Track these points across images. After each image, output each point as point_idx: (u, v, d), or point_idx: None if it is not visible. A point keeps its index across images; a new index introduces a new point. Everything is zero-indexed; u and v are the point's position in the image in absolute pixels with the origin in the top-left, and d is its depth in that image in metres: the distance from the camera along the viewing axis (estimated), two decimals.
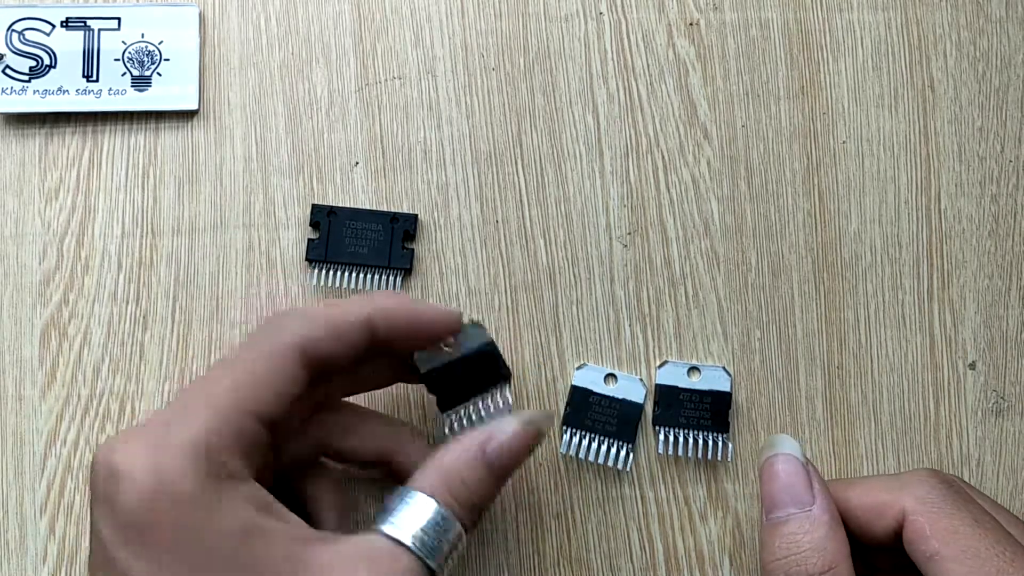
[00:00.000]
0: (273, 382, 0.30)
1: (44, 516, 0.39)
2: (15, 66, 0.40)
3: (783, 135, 0.41)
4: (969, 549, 0.29)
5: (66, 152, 0.41)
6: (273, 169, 0.41)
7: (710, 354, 0.40)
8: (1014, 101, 0.42)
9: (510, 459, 0.31)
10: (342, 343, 0.31)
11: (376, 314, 0.32)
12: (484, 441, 0.31)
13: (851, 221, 0.41)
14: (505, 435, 0.31)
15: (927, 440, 0.40)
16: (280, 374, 0.30)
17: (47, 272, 0.40)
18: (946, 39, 0.42)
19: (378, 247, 0.40)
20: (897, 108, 0.42)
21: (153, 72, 0.41)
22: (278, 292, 0.40)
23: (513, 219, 0.41)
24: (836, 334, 0.41)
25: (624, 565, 0.39)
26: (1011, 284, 0.41)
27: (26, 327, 0.40)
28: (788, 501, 0.32)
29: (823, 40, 0.42)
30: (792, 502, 0.32)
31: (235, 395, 0.29)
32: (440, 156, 0.41)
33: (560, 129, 0.41)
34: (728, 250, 0.41)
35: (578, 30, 0.42)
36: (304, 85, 0.41)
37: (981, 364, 0.41)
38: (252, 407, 0.29)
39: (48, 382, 0.40)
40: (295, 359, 0.30)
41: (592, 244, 0.41)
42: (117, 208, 0.40)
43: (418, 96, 0.41)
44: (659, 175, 0.41)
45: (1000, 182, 0.42)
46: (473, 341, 0.34)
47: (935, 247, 0.41)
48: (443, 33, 0.42)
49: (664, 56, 0.42)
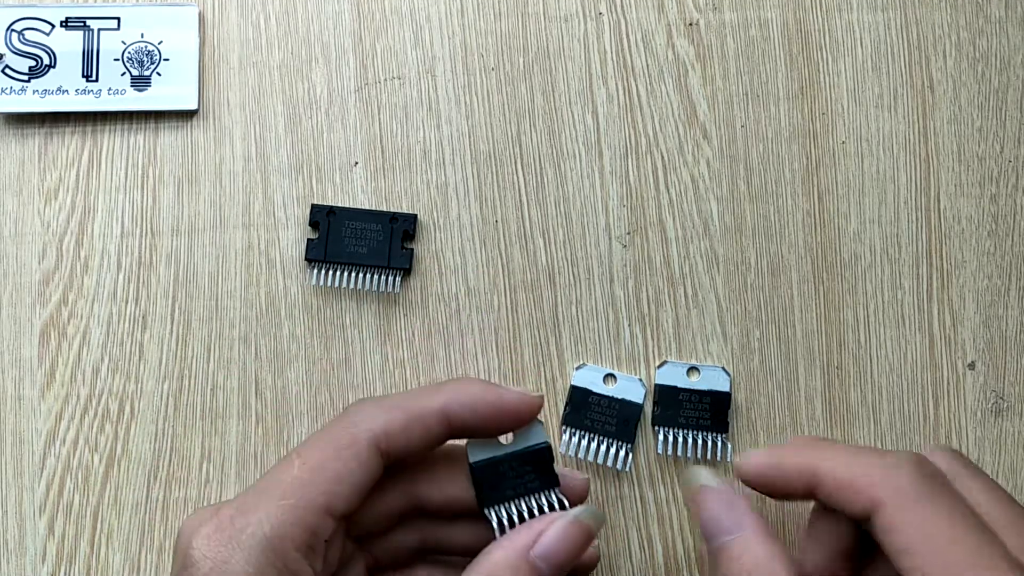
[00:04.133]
0: (347, 476, 0.29)
1: (43, 516, 0.39)
2: (15, 66, 0.40)
3: (782, 135, 0.41)
4: (941, 554, 0.27)
5: (65, 152, 0.41)
6: (272, 169, 0.41)
7: (709, 354, 0.40)
8: (1014, 101, 0.42)
9: (558, 560, 0.30)
10: (418, 435, 0.31)
11: (452, 403, 0.31)
12: (529, 543, 0.30)
13: (850, 221, 0.41)
14: (553, 535, 0.30)
15: (926, 440, 0.40)
16: (355, 468, 0.30)
17: (46, 272, 0.40)
18: (946, 39, 0.42)
19: (377, 247, 0.40)
20: (897, 108, 0.42)
21: (153, 72, 0.41)
22: (278, 291, 0.40)
23: (512, 219, 0.41)
24: (835, 334, 0.41)
25: (624, 565, 0.39)
26: (1010, 284, 0.41)
27: (25, 327, 0.40)
28: (721, 530, 0.31)
29: (823, 40, 0.42)
30: (725, 530, 0.30)
31: (308, 490, 0.29)
32: (440, 156, 0.41)
33: (560, 129, 0.41)
34: (727, 250, 0.41)
35: (578, 30, 0.42)
36: (303, 85, 0.41)
37: (980, 364, 0.41)
38: (324, 501, 0.29)
39: (47, 382, 0.39)
40: (371, 452, 0.30)
41: (591, 244, 0.41)
42: (116, 208, 0.40)
43: (417, 96, 0.41)
44: (658, 175, 0.41)
45: (1000, 182, 0.42)
46: (530, 439, 0.32)
47: (934, 247, 0.41)
48: (443, 33, 0.42)
49: (664, 56, 0.42)
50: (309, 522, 0.28)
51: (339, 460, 0.29)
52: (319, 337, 0.40)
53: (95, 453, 0.39)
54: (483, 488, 0.32)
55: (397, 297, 0.40)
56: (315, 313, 0.40)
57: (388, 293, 0.40)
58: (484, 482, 0.32)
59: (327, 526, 0.29)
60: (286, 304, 0.40)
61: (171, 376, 0.40)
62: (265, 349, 0.40)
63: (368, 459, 0.30)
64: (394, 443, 0.30)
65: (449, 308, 0.40)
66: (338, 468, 0.29)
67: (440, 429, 0.31)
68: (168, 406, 0.40)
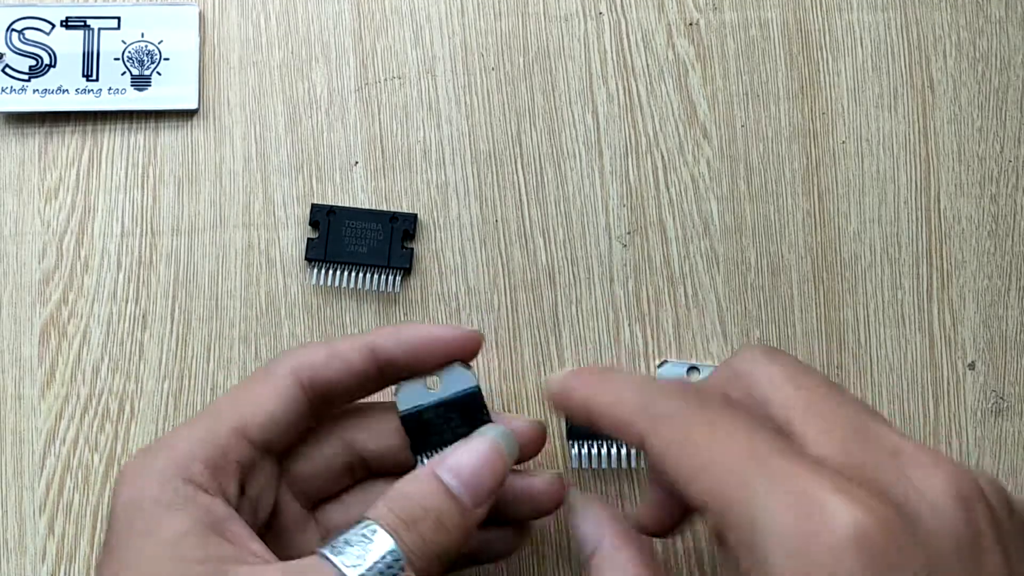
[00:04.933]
0: (262, 402, 0.30)
1: (43, 515, 0.39)
2: (15, 65, 0.40)
3: (783, 135, 0.41)
4: (708, 467, 0.23)
5: (66, 151, 0.41)
6: (273, 168, 0.41)
7: (709, 354, 0.40)
8: (1014, 102, 0.42)
9: (465, 475, 0.29)
10: (342, 368, 0.31)
11: (378, 336, 0.32)
12: (437, 462, 0.29)
13: (850, 221, 0.41)
14: (458, 451, 0.29)
15: (926, 440, 0.40)
16: (269, 393, 0.30)
17: (46, 271, 0.40)
18: (946, 40, 0.42)
19: (377, 247, 0.40)
20: (897, 108, 0.42)
21: (153, 71, 0.41)
22: (278, 291, 0.40)
23: (512, 219, 0.41)
24: (835, 334, 0.41)
25: None
26: (1010, 284, 0.41)
27: (25, 326, 0.40)
28: (586, 545, 0.29)
29: (823, 40, 0.42)
30: (588, 546, 0.29)
31: (226, 414, 0.30)
32: (440, 156, 0.41)
33: (560, 129, 0.41)
34: (727, 250, 0.41)
35: (578, 30, 0.42)
36: (304, 84, 0.41)
37: (980, 364, 0.41)
38: (235, 422, 0.30)
39: (47, 381, 0.40)
40: (288, 382, 0.31)
41: (591, 244, 0.41)
42: (117, 207, 0.40)
43: (418, 96, 0.41)
44: (659, 175, 0.41)
45: (1000, 182, 0.42)
46: (459, 384, 0.33)
47: (934, 247, 0.41)
48: (443, 33, 0.42)
49: (664, 56, 0.42)
50: (217, 440, 0.29)
51: (252, 388, 0.31)
52: (319, 337, 0.40)
53: (95, 452, 0.39)
54: (414, 436, 0.32)
55: (397, 297, 0.40)
56: (315, 313, 0.40)
57: (388, 293, 0.40)
58: (415, 430, 0.33)
59: (238, 447, 0.29)
60: (286, 304, 0.40)
61: (171, 376, 0.40)
62: (265, 349, 0.40)
63: (285, 388, 0.30)
64: (317, 376, 0.31)
65: (449, 308, 0.40)
66: (251, 394, 0.30)
67: (365, 364, 0.32)
68: (168, 406, 0.40)
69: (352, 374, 0.32)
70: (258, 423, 0.30)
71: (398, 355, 0.32)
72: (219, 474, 0.29)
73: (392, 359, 0.32)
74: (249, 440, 0.30)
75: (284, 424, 0.31)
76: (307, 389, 0.31)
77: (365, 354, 0.32)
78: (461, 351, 0.33)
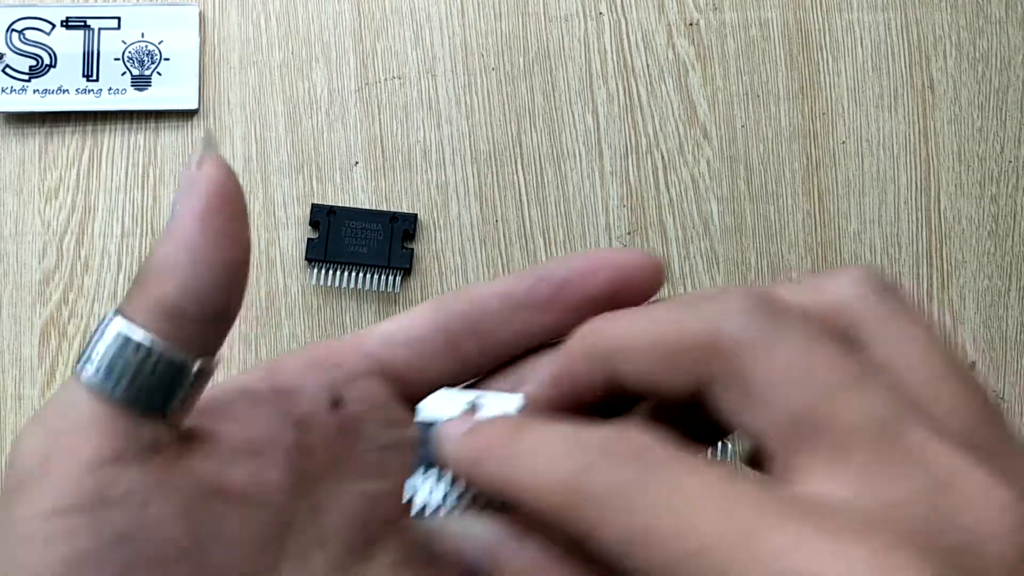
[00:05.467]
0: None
1: None
2: (15, 65, 0.40)
3: (783, 135, 0.41)
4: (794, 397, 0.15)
5: (66, 151, 0.41)
6: (273, 169, 0.41)
7: None
8: (1014, 102, 0.42)
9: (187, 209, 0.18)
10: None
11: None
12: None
13: (851, 221, 0.41)
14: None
15: None
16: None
17: (47, 271, 0.40)
18: (946, 40, 0.42)
19: (378, 247, 0.40)
20: (897, 108, 0.42)
21: (153, 72, 0.41)
22: (278, 291, 0.40)
23: (513, 219, 0.41)
24: None
25: None
26: (1010, 285, 0.41)
27: (25, 326, 0.40)
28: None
29: (823, 40, 0.42)
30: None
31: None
32: (440, 156, 0.41)
33: (560, 129, 0.41)
34: (728, 250, 0.41)
35: (578, 30, 0.42)
36: (304, 84, 0.41)
37: (981, 364, 0.41)
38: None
39: (47, 381, 0.39)
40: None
41: (591, 244, 0.41)
42: (117, 207, 0.40)
43: (418, 96, 0.41)
44: (659, 175, 0.41)
45: (1000, 183, 0.42)
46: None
47: (935, 247, 0.41)
48: (443, 33, 0.42)
49: (664, 56, 0.42)
50: None
51: None
52: (319, 336, 0.40)
53: None
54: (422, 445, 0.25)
55: (397, 297, 0.40)
56: (315, 313, 0.40)
57: (388, 293, 0.40)
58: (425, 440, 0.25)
59: None
60: (286, 304, 0.40)
61: None
62: (265, 349, 0.40)
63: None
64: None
65: None
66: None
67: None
68: None
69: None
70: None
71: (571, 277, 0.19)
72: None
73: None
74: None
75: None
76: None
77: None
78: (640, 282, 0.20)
